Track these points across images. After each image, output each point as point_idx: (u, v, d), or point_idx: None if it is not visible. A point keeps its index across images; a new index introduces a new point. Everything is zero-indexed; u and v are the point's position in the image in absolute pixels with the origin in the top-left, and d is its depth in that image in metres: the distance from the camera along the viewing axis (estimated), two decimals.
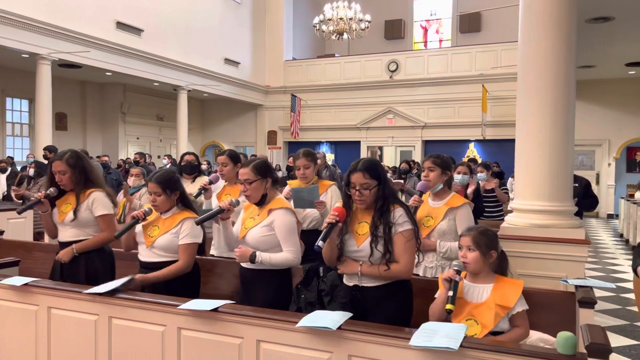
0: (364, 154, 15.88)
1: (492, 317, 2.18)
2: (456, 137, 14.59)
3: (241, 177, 2.78)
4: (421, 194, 3.07)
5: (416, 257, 2.54)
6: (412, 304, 2.49)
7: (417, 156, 15.04)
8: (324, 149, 16.28)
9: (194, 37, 13.41)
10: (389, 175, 6.18)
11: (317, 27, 13.30)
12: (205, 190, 3.81)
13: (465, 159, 14.01)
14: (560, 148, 3.49)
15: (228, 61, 14.97)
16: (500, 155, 12.53)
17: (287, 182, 4.01)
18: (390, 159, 16.04)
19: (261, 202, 2.81)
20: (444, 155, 3.22)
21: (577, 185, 5.61)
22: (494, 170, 7.71)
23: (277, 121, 16.82)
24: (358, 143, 15.94)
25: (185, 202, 3.00)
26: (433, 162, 3.14)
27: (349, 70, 15.86)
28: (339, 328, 2.14)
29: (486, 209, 6.01)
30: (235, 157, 3.86)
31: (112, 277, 3.12)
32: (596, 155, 15.75)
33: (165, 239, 2.87)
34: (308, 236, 3.26)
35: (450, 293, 2.22)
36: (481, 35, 15.49)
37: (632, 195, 11.02)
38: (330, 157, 14.99)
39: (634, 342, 4.35)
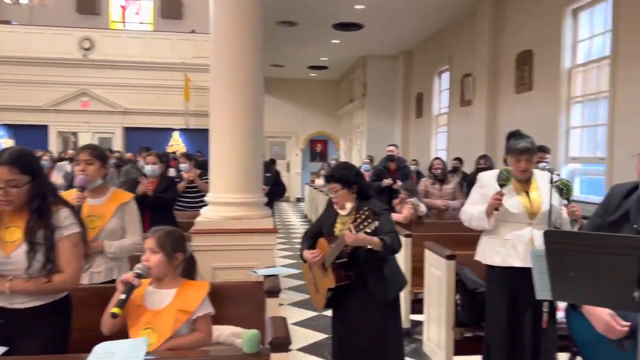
0: (53, 140, 13.96)
1: (170, 324, 2.03)
2: (160, 125, 14.18)
3: None
4: (83, 189, 2.65)
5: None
6: (71, 322, 2.12)
7: (117, 144, 14.05)
8: None
9: None
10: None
11: None
12: None
13: (168, 148, 13.80)
14: (250, 142, 3.61)
15: None
16: (204, 145, 12.71)
17: None
18: None
19: None
20: (101, 147, 2.91)
21: (269, 175, 6.05)
22: (199, 159, 7.73)
23: None
24: (45, 127, 13.89)
25: None
26: (91, 155, 2.73)
27: (32, 42, 13.57)
28: None
29: (188, 200, 5.95)
30: None
31: None
32: (287, 146, 17.70)
33: None
34: None
35: (123, 296, 1.99)
36: (183, 23, 15.38)
37: (313, 181, 12.74)
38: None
39: (315, 313, 4.94)
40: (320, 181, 11.50)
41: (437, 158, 6.65)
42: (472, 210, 3.02)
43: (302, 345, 4.16)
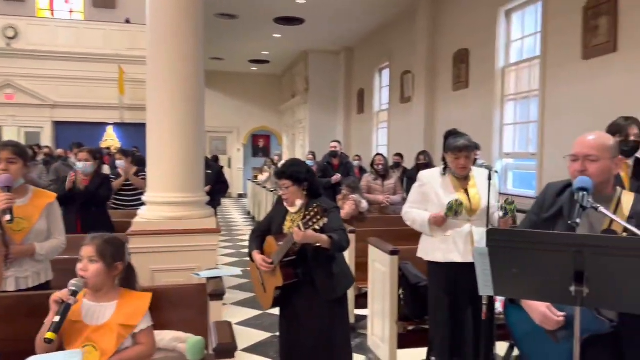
0: None
1: (113, 341, 1.92)
2: (92, 119, 13.53)
3: None
4: (9, 189, 2.49)
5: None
6: None
7: (46, 139, 13.27)
8: None
9: None
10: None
11: None
12: None
13: (102, 144, 13.19)
14: (191, 138, 3.47)
15: None
16: (140, 140, 12.22)
17: None
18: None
19: None
20: (23, 144, 2.80)
21: (210, 172, 5.90)
22: (136, 155, 7.38)
23: None
24: None
25: None
26: (14, 152, 2.60)
27: None
28: None
29: (124, 198, 5.69)
30: None
31: None
32: (228, 142, 17.41)
33: None
34: None
35: (57, 318, 1.84)
36: (116, 13, 14.72)
37: (256, 177, 12.59)
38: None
39: (259, 312, 4.87)
40: (263, 177, 11.38)
41: (379, 154, 6.74)
42: (415, 217, 3.11)
43: (247, 345, 4.09)
